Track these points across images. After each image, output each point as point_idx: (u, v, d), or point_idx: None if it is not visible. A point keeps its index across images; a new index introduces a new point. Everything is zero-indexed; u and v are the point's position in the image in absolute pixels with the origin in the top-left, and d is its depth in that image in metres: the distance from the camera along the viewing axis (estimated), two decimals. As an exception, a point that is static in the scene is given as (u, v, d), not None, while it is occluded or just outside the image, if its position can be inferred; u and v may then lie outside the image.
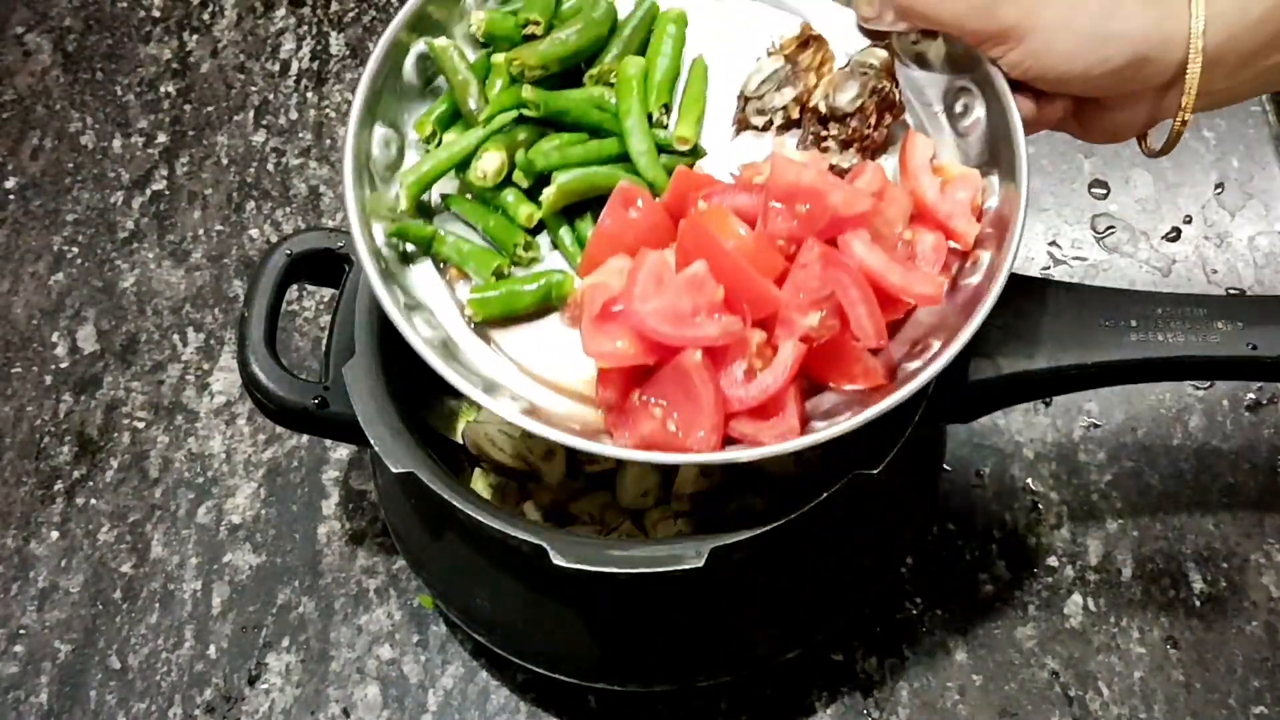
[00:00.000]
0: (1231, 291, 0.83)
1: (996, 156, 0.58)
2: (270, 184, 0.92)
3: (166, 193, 0.93)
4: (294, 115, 0.95)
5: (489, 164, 0.58)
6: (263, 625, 0.76)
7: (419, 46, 0.61)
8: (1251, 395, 0.79)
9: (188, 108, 0.97)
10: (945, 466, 0.76)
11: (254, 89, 0.97)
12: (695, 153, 0.61)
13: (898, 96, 0.60)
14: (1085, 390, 0.71)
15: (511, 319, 0.57)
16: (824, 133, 0.60)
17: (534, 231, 0.59)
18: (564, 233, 0.59)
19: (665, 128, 0.61)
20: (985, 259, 0.56)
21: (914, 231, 0.57)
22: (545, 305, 0.58)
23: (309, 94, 0.96)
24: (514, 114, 0.59)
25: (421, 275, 0.59)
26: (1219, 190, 0.87)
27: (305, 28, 0.99)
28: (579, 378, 0.56)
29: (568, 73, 0.62)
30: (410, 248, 0.59)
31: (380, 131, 0.60)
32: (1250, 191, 0.87)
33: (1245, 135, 0.89)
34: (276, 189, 0.92)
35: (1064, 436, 0.78)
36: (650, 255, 0.54)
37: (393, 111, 0.60)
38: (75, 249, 0.91)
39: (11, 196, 0.94)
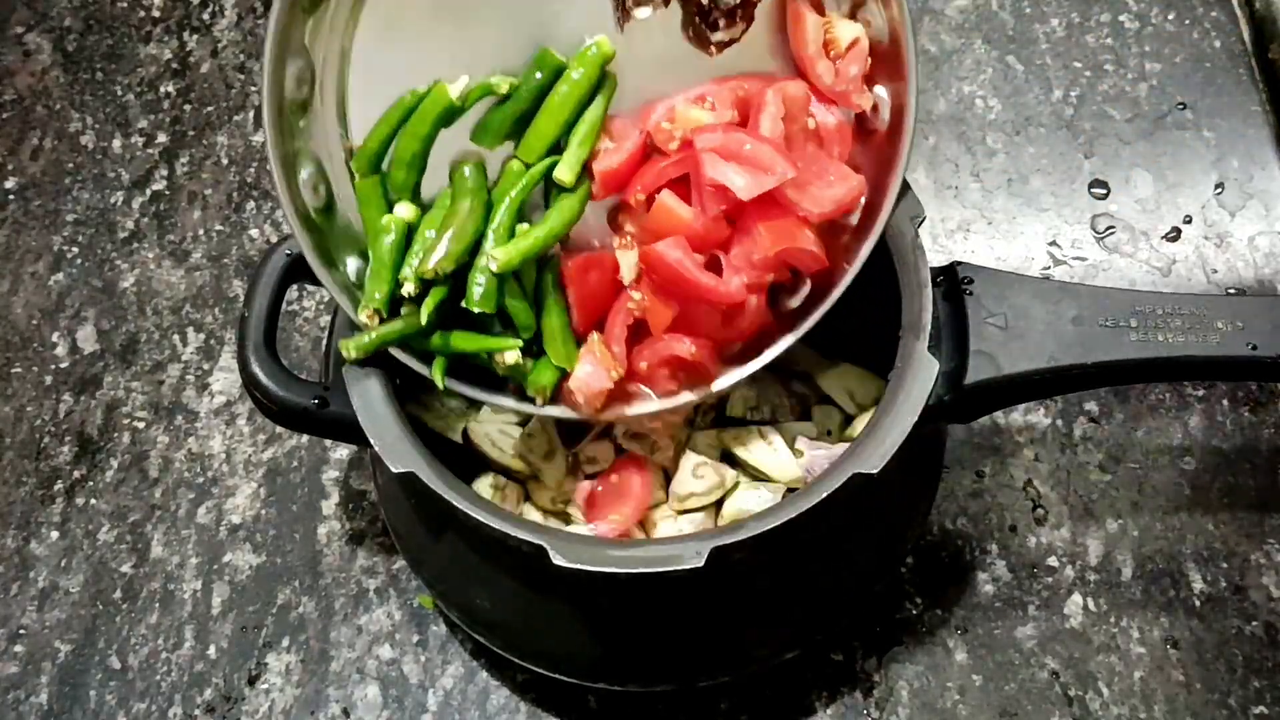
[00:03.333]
0: (1231, 291, 0.83)
1: None
2: (270, 184, 0.92)
3: (166, 193, 0.93)
4: (294, 115, 0.95)
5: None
6: (263, 625, 0.76)
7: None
8: (1252, 395, 0.79)
9: (188, 108, 0.97)
10: (945, 466, 0.76)
11: (254, 89, 0.97)
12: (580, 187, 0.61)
13: None
14: (1085, 390, 0.72)
15: None
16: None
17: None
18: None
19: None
20: (884, 94, 0.60)
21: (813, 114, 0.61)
22: None
23: (309, 94, 0.96)
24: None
25: None
26: (1219, 190, 0.87)
27: (305, 28, 0.99)
28: None
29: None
30: None
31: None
32: (1250, 191, 0.87)
33: (1245, 135, 0.89)
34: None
35: (1064, 436, 0.78)
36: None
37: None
38: (75, 249, 0.91)
39: (11, 196, 0.94)
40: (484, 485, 0.70)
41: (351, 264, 0.62)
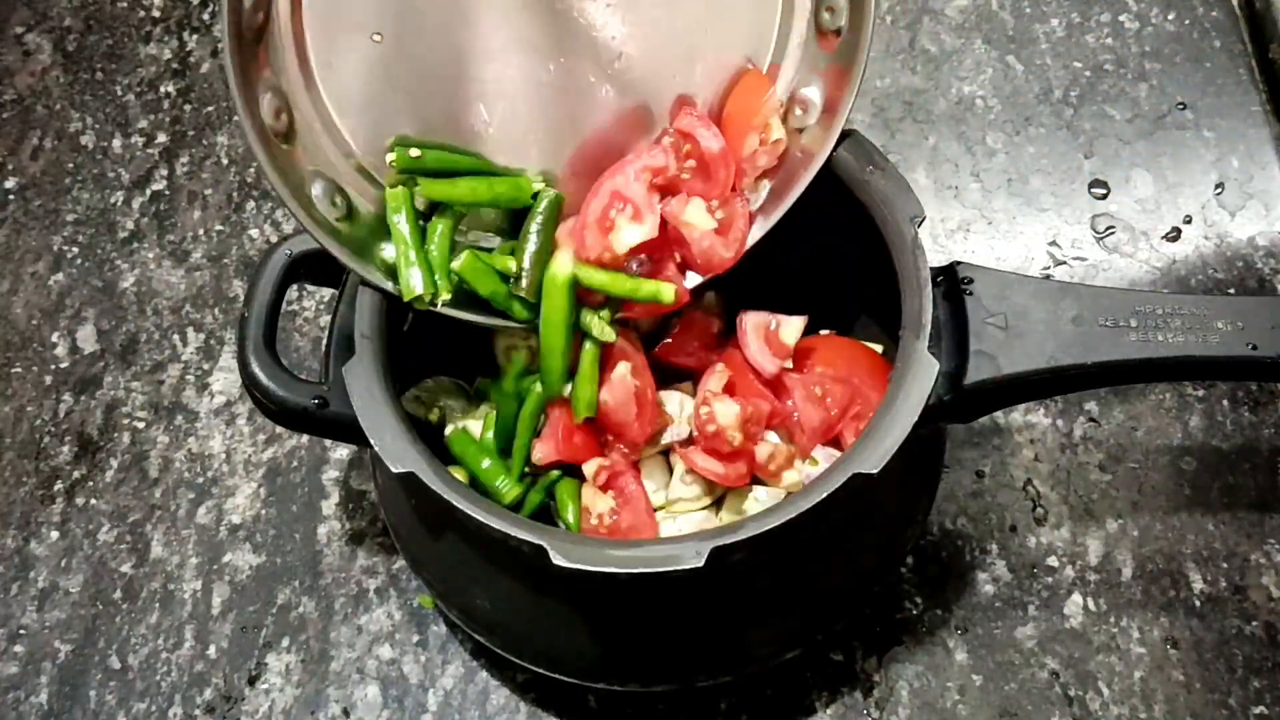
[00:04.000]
0: (1231, 291, 0.83)
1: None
2: (271, 184, 0.92)
3: (166, 193, 0.93)
4: (294, 115, 0.95)
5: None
6: (263, 625, 0.76)
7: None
8: (1252, 395, 0.79)
9: (188, 108, 0.97)
10: (945, 466, 0.76)
11: (254, 89, 0.97)
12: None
13: None
14: (1085, 390, 0.71)
15: None
16: None
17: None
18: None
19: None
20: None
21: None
22: None
23: (309, 94, 0.96)
24: None
25: None
26: (1219, 190, 0.87)
27: (305, 28, 0.99)
28: None
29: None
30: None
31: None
32: (1250, 191, 0.87)
33: (1245, 135, 0.89)
34: (276, 189, 0.92)
35: (1064, 436, 0.78)
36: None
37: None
38: (75, 249, 0.91)
39: (11, 196, 0.94)
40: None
41: (388, 250, 0.63)
